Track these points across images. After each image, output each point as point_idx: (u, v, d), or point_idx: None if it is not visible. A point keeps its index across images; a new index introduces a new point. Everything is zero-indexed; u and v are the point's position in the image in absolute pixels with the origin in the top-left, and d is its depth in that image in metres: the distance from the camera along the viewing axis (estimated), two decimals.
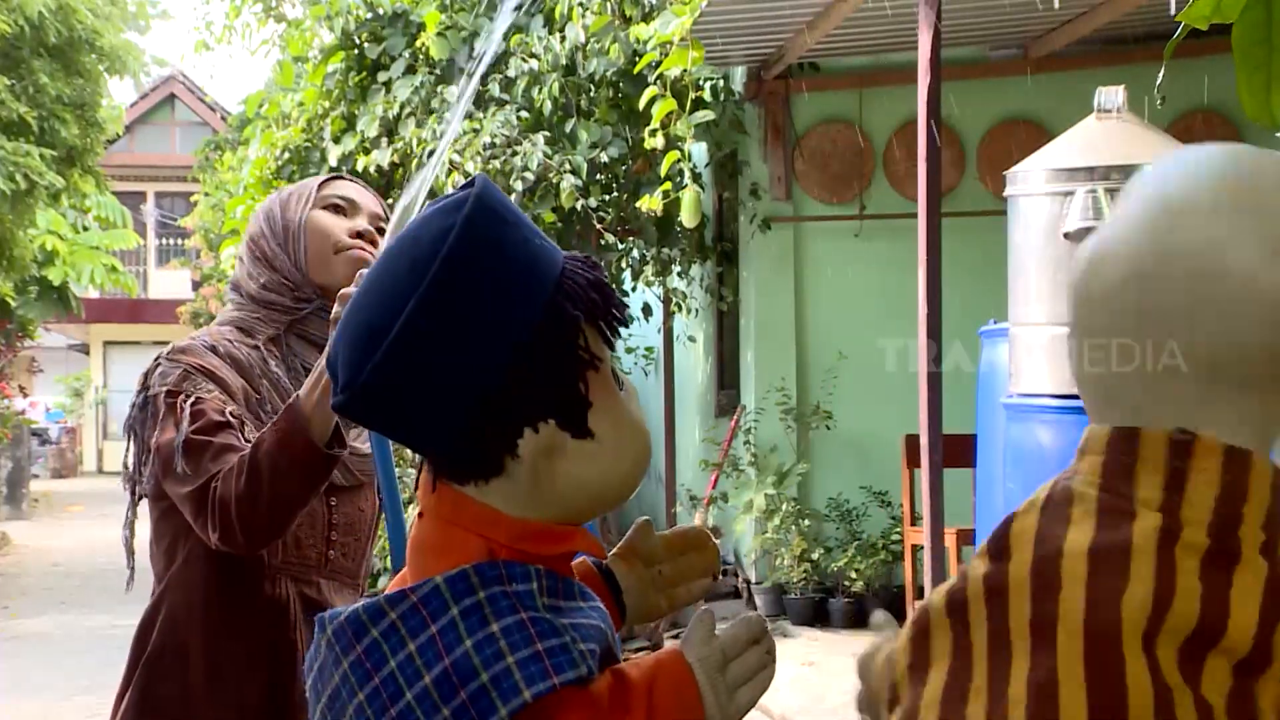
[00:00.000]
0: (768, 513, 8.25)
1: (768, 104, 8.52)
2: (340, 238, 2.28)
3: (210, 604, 2.18)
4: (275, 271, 2.28)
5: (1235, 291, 1.11)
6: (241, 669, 2.16)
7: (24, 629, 10.38)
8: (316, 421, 2.03)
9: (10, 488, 19.94)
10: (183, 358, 2.20)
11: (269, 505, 2.04)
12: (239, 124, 14.28)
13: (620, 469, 1.35)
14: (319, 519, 2.22)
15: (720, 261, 9.28)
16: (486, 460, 1.30)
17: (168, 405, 2.14)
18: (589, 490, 1.33)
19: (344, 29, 9.16)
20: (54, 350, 29.17)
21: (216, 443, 2.09)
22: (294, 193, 2.34)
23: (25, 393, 22.28)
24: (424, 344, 1.28)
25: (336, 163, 8.93)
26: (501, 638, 1.25)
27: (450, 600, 1.26)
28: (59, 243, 19.19)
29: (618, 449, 1.34)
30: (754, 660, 1.38)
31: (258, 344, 2.25)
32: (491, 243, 1.29)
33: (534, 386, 1.29)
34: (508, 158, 7.94)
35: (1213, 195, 1.13)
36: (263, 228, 2.32)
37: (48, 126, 13.60)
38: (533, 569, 1.30)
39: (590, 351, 1.31)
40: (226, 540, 2.06)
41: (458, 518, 1.33)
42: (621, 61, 8.00)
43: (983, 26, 7.44)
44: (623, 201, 8.44)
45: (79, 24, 13.65)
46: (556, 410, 1.30)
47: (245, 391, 2.21)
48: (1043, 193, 4.94)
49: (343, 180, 2.39)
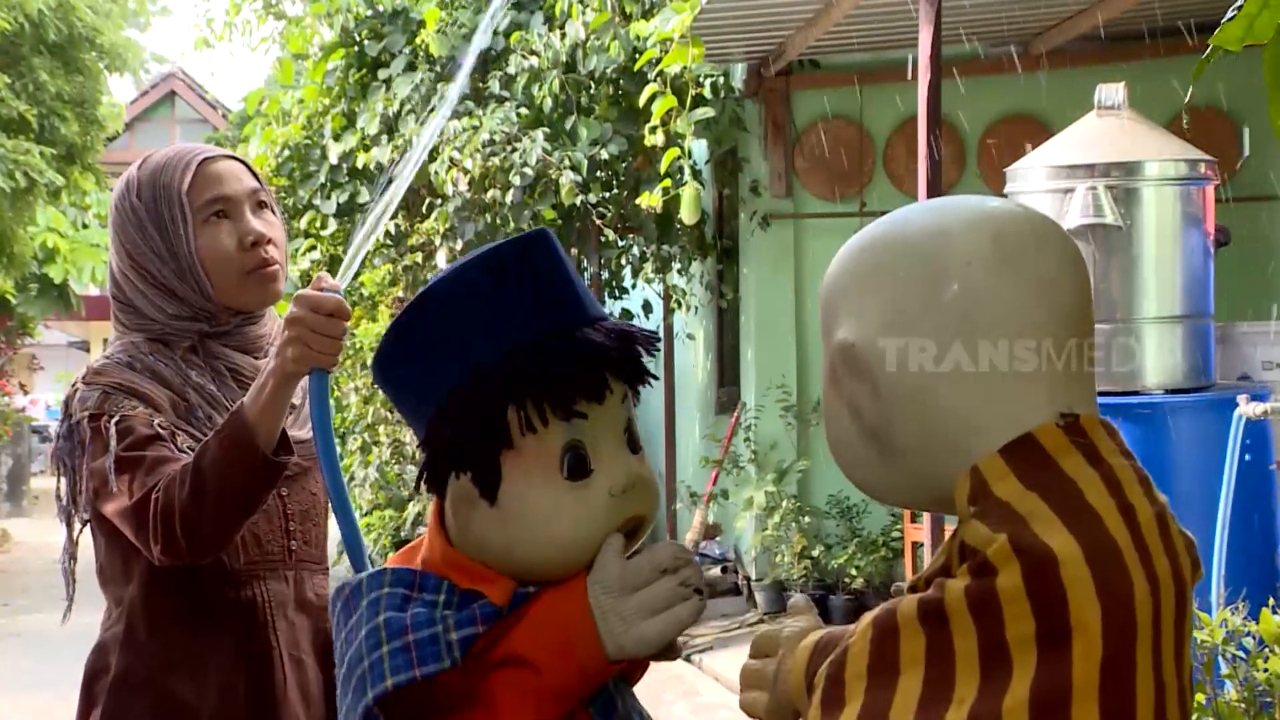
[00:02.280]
0: (768, 510, 8.25)
1: (768, 101, 8.51)
2: (239, 260, 2.11)
3: (175, 620, 2.09)
4: (181, 302, 2.13)
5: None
6: (219, 680, 2.08)
7: (24, 625, 10.37)
8: (263, 428, 1.95)
9: (11, 485, 19.94)
10: (99, 379, 2.09)
11: (215, 514, 1.95)
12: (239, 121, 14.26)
13: (525, 542, 1.38)
14: (275, 513, 2.14)
15: (720, 258, 9.28)
16: (429, 482, 1.43)
17: (92, 430, 2.04)
18: (496, 548, 1.39)
19: (344, 26, 9.16)
20: (54, 348, 29.17)
21: (150, 456, 2.01)
22: (158, 197, 2.12)
23: (26, 390, 22.27)
24: (394, 366, 1.46)
25: (336, 160, 8.93)
26: (383, 628, 1.36)
27: (365, 593, 1.40)
28: (59, 240, 19.19)
29: (523, 529, 1.38)
30: (664, 590, 1.36)
31: (175, 356, 2.14)
32: (459, 297, 1.41)
33: (448, 443, 1.39)
34: (507, 154, 7.93)
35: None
36: (142, 245, 2.12)
37: (48, 124, 13.59)
38: (446, 583, 1.39)
39: (508, 430, 1.36)
40: (169, 551, 1.97)
41: (432, 528, 1.46)
42: (622, 58, 7.99)
43: (983, 23, 7.43)
44: (623, 198, 8.44)
45: (79, 21, 13.64)
46: (469, 469, 1.39)
47: (172, 401, 2.10)
48: (1043, 190, 4.94)
49: (205, 168, 2.14)
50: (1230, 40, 1.49)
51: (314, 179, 9.33)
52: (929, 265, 1.18)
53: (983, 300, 1.16)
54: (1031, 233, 1.20)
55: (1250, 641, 3.23)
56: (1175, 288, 4.94)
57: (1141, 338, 4.90)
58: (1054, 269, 1.19)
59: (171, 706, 2.08)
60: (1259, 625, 3.22)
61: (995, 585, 1.09)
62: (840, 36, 7.60)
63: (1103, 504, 1.12)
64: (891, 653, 1.13)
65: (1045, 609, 1.08)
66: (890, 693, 1.12)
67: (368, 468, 10.17)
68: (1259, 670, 3.15)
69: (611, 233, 8.54)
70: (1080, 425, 1.16)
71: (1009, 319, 1.16)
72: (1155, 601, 1.11)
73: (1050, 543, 1.09)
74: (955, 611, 1.11)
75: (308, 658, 2.16)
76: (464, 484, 1.39)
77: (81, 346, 31.25)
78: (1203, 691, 3.17)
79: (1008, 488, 1.13)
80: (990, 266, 1.17)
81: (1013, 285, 1.17)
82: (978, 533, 1.12)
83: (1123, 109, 5.04)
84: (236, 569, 2.10)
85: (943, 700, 1.09)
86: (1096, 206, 4.76)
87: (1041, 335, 1.17)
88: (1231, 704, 3.16)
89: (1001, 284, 1.17)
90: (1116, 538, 1.10)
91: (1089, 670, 1.08)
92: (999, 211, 1.21)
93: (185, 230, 2.11)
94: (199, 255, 2.11)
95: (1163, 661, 1.12)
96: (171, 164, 2.14)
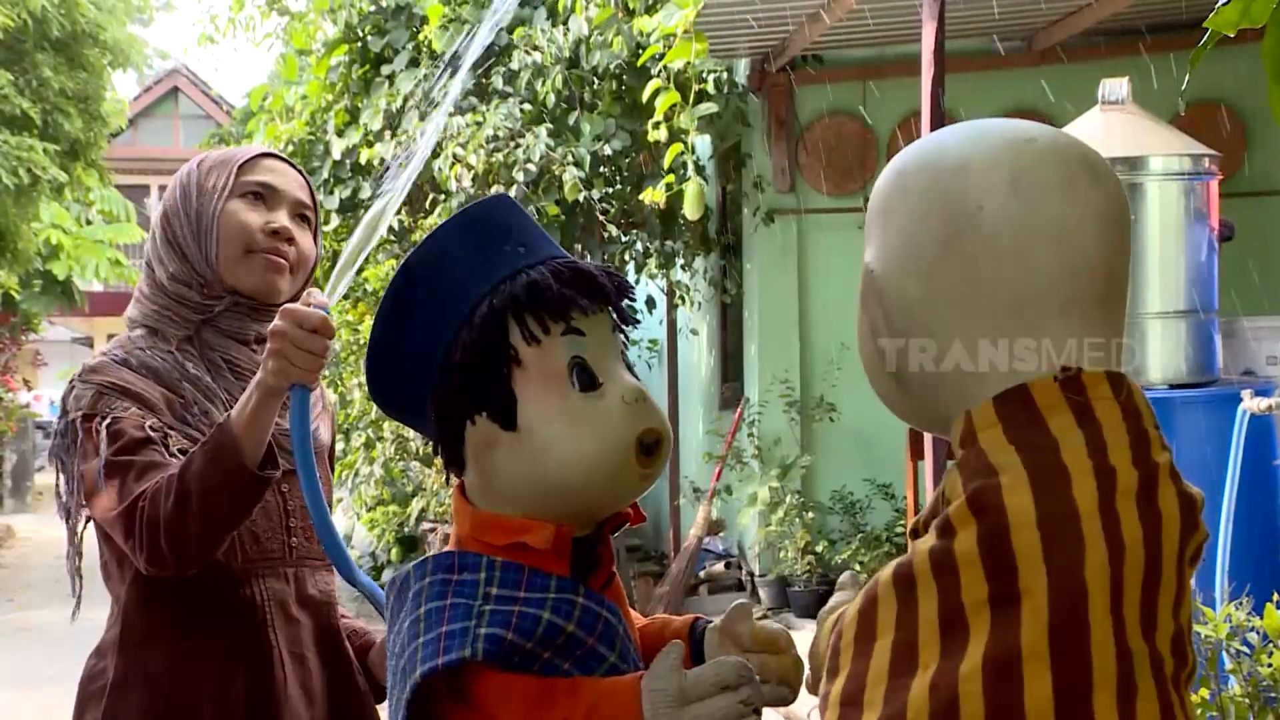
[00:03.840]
0: (771, 505, 8.25)
1: (771, 96, 8.50)
2: (254, 237, 2.13)
3: (171, 621, 2.07)
4: (185, 261, 2.14)
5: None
6: (217, 684, 2.06)
7: (28, 621, 10.39)
8: (248, 442, 1.93)
9: (14, 481, 19.97)
10: (94, 377, 2.08)
11: (198, 527, 1.93)
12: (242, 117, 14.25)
13: (552, 462, 1.40)
14: (274, 510, 2.12)
15: (724, 254, 9.28)
16: (447, 452, 1.46)
17: (84, 430, 2.04)
18: (526, 482, 1.41)
19: (347, 22, 9.16)
20: (58, 344, 29.19)
21: (139, 461, 1.99)
22: (214, 170, 2.17)
23: (29, 386, 22.31)
24: (388, 341, 1.49)
25: (340, 155, 8.93)
26: (423, 620, 1.39)
27: (411, 584, 1.45)
28: (63, 236, 19.19)
29: (548, 442, 1.40)
30: (720, 706, 1.34)
31: (171, 348, 2.13)
32: (440, 254, 1.47)
33: (461, 380, 1.42)
34: (511, 150, 7.93)
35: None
36: (178, 205, 2.17)
37: (51, 120, 13.59)
38: (485, 559, 1.41)
39: (513, 347, 1.41)
40: (155, 562, 1.96)
41: (456, 506, 1.48)
42: (625, 54, 7.98)
43: (987, 18, 7.43)
44: (626, 194, 8.43)
45: (82, 17, 13.63)
46: (485, 403, 1.42)
47: (167, 399, 2.09)
48: None
49: (268, 159, 2.21)
50: (1226, 24, 1.48)
51: (317, 175, 9.32)
52: (944, 204, 1.16)
53: (988, 249, 1.14)
54: (1056, 180, 1.15)
55: (1254, 637, 3.23)
56: (1179, 282, 4.94)
57: (1145, 333, 4.90)
58: (1074, 220, 1.14)
59: (168, 709, 2.06)
60: (1263, 620, 3.22)
61: (953, 548, 1.09)
62: (844, 32, 7.60)
63: (1078, 466, 1.09)
64: (871, 620, 1.12)
65: (996, 573, 1.07)
66: (867, 660, 1.11)
67: (372, 464, 10.17)
68: (1263, 665, 3.15)
69: (615, 228, 8.53)
70: (1080, 381, 1.14)
71: (1014, 271, 1.14)
72: (1115, 569, 1.08)
73: (1008, 504, 1.08)
74: (921, 574, 1.10)
75: (310, 655, 2.14)
76: (482, 426, 1.43)
77: (85, 342, 31.28)
78: (1207, 687, 3.17)
79: (991, 439, 1.12)
80: (1002, 213, 1.14)
81: (1024, 234, 1.13)
82: (954, 483, 1.12)
83: (1126, 104, 5.03)
84: (234, 568, 2.08)
85: (910, 668, 1.09)
86: None
87: (1049, 289, 1.14)
88: (1235, 699, 3.16)
89: (1011, 232, 1.14)
90: (1079, 502, 1.08)
91: (1038, 635, 1.06)
92: (1029, 148, 1.16)
93: (219, 195, 2.14)
94: (219, 219, 2.13)
95: (1125, 628, 1.09)
96: (240, 151, 2.21)
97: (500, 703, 1.36)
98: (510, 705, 1.36)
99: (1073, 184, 1.15)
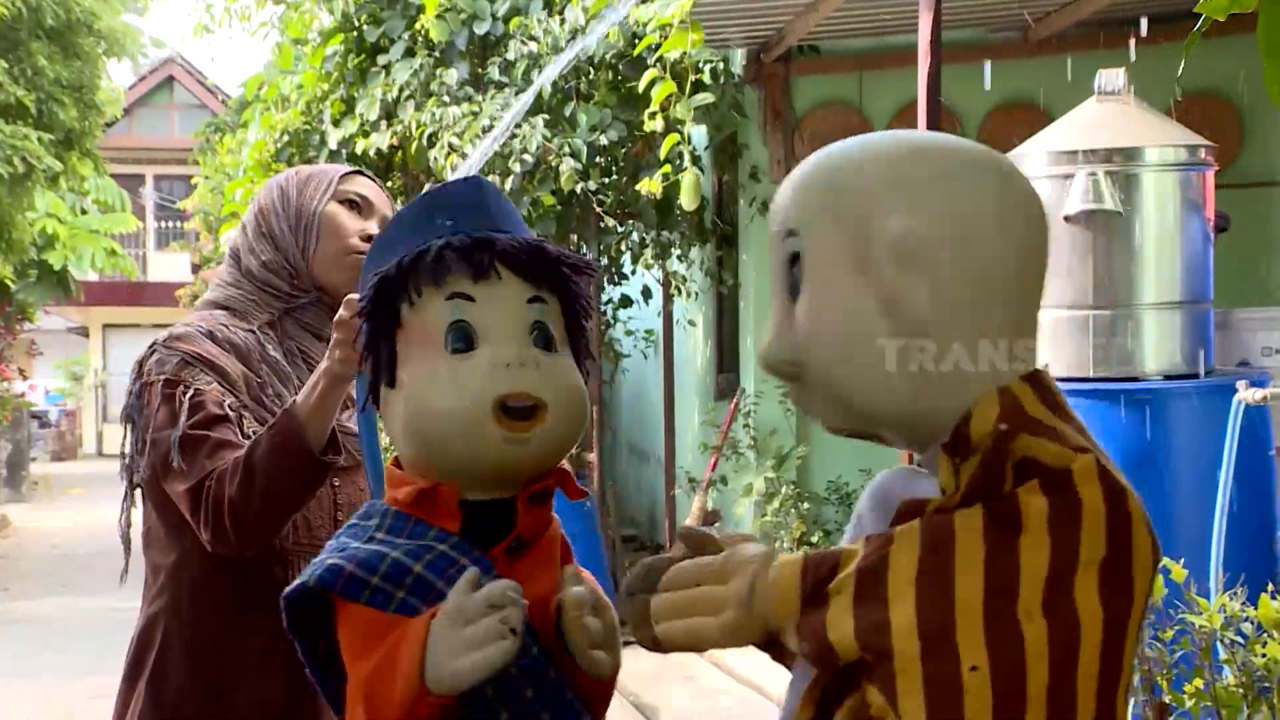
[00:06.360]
0: (767, 496, 8.26)
1: (768, 86, 8.50)
2: (352, 240, 2.25)
3: (219, 594, 2.15)
4: (279, 252, 2.25)
5: None
6: (259, 658, 2.12)
7: (24, 611, 10.40)
8: (312, 427, 2.01)
9: (10, 470, 19.95)
10: (179, 345, 2.16)
11: (262, 510, 2.02)
12: (238, 107, 14.25)
13: (418, 418, 1.48)
14: (325, 500, 2.21)
15: (720, 245, 9.27)
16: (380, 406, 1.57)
17: (165, 395, 2.11)
18: (402, 438, 1.52)
19: (343, 11, 9.13)
20: (53, 333, 29.16)
21: (213, 438, 2.07)
22: (314, 177, 2.31)
23: (25, 375, 22.29)
24: None
25: (336, 145, 8.92)
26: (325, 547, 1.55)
27: None
28: (58, 226, 19.18)
29: (413, 399, 1.49)
30: (482, 629, 1.36)
31: (253, 328, 2.22)
32: (391, 228, 1.61)
33: (363, 338, 1.55)
34: (507, 140, 7.92)
35: None
36: (275, 203, 2.28)
37: (46, 109, 13.57)
38: (382, 508, 1.53)
39: (397, 309, 1.51)
40: (218, 541, 2.05)
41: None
42: (621, 44, 7.98)
43: (983, 8, 7.42)
44: (622, 184, 8.42)
45: (77, 6, 13.61)
46: (375, 360, 1.53)
47: (246, 377, 2.18)
48: (1043, 175, 4.93)
49: (362, 177, 2.36)
50: (1217, 9, 1.49)
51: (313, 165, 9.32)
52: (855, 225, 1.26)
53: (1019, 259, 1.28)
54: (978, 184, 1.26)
55: (1249, 627, 3.23)
56: (1175, 273, 4.94)
57: (1141, 323, 4.90)
58: (1043, 239, 1.29)
59: (215, 675, 2.14)
60: (1257, 610, 3.22)
61: (1080, 504, 1.12)
62: (840, 22, 7.59)
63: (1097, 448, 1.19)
64: (946, 560, 1.13)
65: (1115, 537, 1.13)
66: (950, 597, 1.12)
67: None
68: (1257, 656, 3.16)
69: (611, 219, 8.52)
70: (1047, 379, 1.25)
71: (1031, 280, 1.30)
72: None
73: (1116, 472, 1.15)
74: (1034, 525, 1.12)
75: None
76: (383, 384, 1.53)
77: (80, 332, 31.24)
78: (1201, 677, 3.18)
79: (1039, 410, 1.19)
80: (1029, 229, 1.28)
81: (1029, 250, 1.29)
82: (1046, 449, 1.15)
83: (1122, 94, 5.03)
84: (285, 547, 2.16)
85: (1009, 608, 1.10)
86: (1096, 192, 4.75)
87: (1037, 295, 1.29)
88: (1229, 689, 3.16)
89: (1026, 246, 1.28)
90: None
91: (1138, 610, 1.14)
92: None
93: (320, 197, 2.27)
94: (320, 217, 2.26)
95: None
96: (337, 166, 2.39)
97: (342, 626, 1.47)
98: (347, 629, 1.46)
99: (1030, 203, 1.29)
